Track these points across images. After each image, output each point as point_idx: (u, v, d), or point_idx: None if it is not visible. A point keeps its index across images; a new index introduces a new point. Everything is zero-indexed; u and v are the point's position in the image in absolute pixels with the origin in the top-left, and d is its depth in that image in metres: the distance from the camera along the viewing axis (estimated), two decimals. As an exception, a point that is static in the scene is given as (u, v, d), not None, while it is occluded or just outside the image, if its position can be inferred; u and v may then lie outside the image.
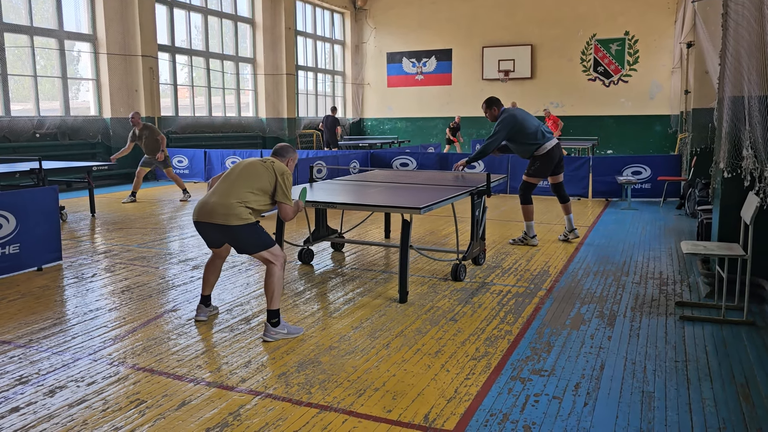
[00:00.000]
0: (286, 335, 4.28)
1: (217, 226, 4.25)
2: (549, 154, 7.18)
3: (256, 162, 4.42)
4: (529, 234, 7.35)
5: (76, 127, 13.73)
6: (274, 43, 19.57)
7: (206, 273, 4.69)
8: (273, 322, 4.25)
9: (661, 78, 19.83)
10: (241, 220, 4.19)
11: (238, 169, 4.38)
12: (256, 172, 4.33)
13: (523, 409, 3.24)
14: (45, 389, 3.50)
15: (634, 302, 5.09)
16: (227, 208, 4.18)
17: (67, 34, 13.72)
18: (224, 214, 4.18)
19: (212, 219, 4.24)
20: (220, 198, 4.24)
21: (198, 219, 4.33)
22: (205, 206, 4.29)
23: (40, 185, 8.12)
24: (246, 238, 4.26)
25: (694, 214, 8.74)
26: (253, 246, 4.28)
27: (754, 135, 4.15)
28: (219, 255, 4.67)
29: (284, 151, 4.63)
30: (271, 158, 4.51)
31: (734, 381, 3.58)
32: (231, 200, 4.20)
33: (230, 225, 4.18)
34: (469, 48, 22.23)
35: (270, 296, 4.24)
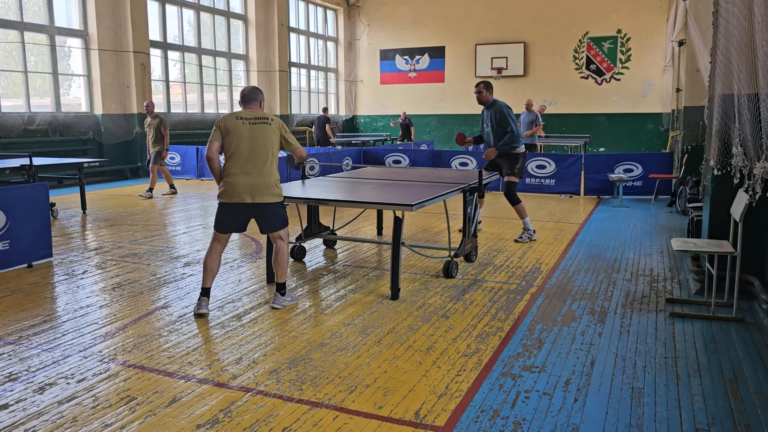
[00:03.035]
0: (289, 302, 4.88)
1: (254, 206, 4.60)
2: (525, 153, 7.40)
3: (265, 129, 4.61)
4: (529, 230, 7.39)
5: (67, 124, 13.65)
6: (266, 40, 19.51)
7: (210, 263, 4.73)
8: (282, 292, 4.84)
9: (653, 76, 19.90)
10: (279, 197, 4.70)
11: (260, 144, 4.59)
12: (270, 140, 4.61)
13: (514, 406, 3.25)
14: (34, 386, 3.48)
15: (624, 299, 5.11)
16: (268, 188, 4.60)
17: (58, 29, 13.63)
18: (267, 194, 4.59)
19: (254, 199, 4.56)
20: (258, 178, 4.56)
21: (237, 201, 4.57)
22: (245, 187, 4.54)
23: (31, 182, 8.07)
24: (278, 214, 4.71)
25: (685, 211, 8.78)
26: (280, 223, 4.74)
27: (744, 132, 4.17)
28: (222, 242, 4.78)
29: (254, 94, 4.78)
30: (261, 113, 4.68)
31: (723, 377, 3.60)
32: (269, 180, 4.59)
33: (271, 203, 4.63)
34: (463, 45, 22.24)
35: (282, 271, 4.80)
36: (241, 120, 4.60)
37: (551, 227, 8.32)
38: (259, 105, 4.78)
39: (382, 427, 3.02)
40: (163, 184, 12.30)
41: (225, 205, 4.64)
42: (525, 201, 10.75)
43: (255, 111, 4.71)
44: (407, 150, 13.73)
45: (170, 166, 14.62)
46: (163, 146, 11.19)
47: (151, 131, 11.24)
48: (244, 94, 4.77)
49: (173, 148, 14.62)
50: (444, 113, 22.52)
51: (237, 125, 4.58)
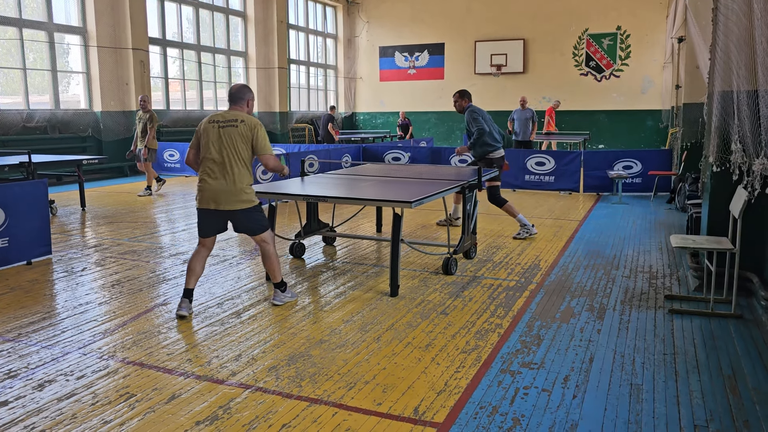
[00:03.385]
0: (290, 298, 4.89)
1: (225, 212, 4.51)
2: (502, 158, 7.31)
3: (230, 133, 4.43)
4: (526, 225, 7.40)
5: (66, 121, 13.63)
6: (266, 37, 19.48)
7: (193, 264, 4.65)
8: (281, 289, 4.86)
9: (653, 73, 19.88)
10: (250, 203, 4.54)
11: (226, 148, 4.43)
12: (236, 144, 4.43)
13: (513, 402, 3.26)
14: (34, 383, 3.49)
15: (623, 296, 5.12)
16: (235, 194, 4.46)
17: (57, 26, 13.61)
18: (235, 201, 4.47)
19: (221, 206, 4.47)
20: (225, 184, 4.44)
21: (206, 207, 4.51)
22: (215, 193, 4.45)
23: (30, 179, 8.06)
24: (252, 219, 4.59)
25: (684, 208, 8.78)
26: (258, 228, 4.63)
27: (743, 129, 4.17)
28: (208, 246, 4.71)
29: (241, 93, 4.59)
30: (235, 116, 4.49)
31: (722, 373, 3.61)
32: (237, 185, 4.45)
33: (240, 210, 4.50)
34: (462, 42, 22.21)
35: (273, 272, 4.78)
36: (213, 123, 4.49)
37: (550, 224, 8.32)
38: (247, 104, 4.60)
39: (381, 424, 3.03)
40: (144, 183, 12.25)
41: (199, 210, 4.58)
42: (524, 198, 10.79)
43: (232, 113, 4.52)
44: (406, 147, 13.72)
45: (170, 164, 14.62)
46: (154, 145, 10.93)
47: (140, 125, 10.98)
48: (231, 94, 4.60)
49: (173, 146, 14.61)
50: (443, 110, 22.49)
51: (208, 129, 4.48)
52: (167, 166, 14.66)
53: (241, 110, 4.59)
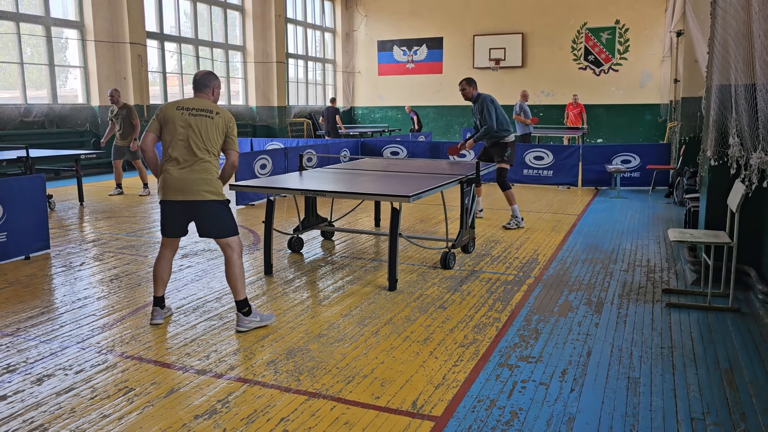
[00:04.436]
0: (259, 323, 4.24)
1: (188, 204, 4.08)
2: (514, 143, 7.72)
3: (204, 122, 4.09)
4: (517, 218, 7.66)
5: (64, 115, 13.61)
6: (264, 31, 19.43)
7: (159, 270, 4.30)
8: (244, 311, 4.18)
9: (652, 67, 19.87)
10: (219, 195, 4.12)
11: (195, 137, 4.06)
12: (209, 135, 4.09)
13: (510, 396, 3.27)
14: (33, 377, 3.49)
15: (621, 289, 5.13)
16: (202, 183, 4.05)
17: (54, 20, 13.56)
18: (201, 190, 4.05)
19: (187, 196, 4.06)
20: (191, 172, 4.05)
21: (170, 198, 4.09)
22: (179, 182, 4.04)
23: (28, 173, 8.05)
24: (218, 217, 4.13)
25: (682, 202, 8.79)
26: (222, 229, 4.15)
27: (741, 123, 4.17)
28: (171, 248, 4.33)
29: (206, 80, 4.25)
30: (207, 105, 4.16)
31: (719, 367, 3.62)
32: (204, 175, 4.06)
33: (206, 201, 4.07)
34: (460, 36, 22.17)
35: (234, 288, 4.18)
36: (181, 110, 4.11)
37: (549, 218, 8.33)
38: (212, 92, 4.26)
39: (380, 417, 3.04)
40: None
41: (162, 203, 4.17)
42: (522, 192, 10.79)
43: (202, 101, 4.18)
44: (405, 141, 13.71)
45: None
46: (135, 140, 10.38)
47: (118, 122, 10.31)
48: (196, 80, 4.24)
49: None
50: (442, 104, 22.48)
51: (175, 115, 4.09)
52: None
53: (207, 98, 4.24)
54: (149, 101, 15.24)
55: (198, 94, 4.25)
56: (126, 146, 10.43)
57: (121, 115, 10.32)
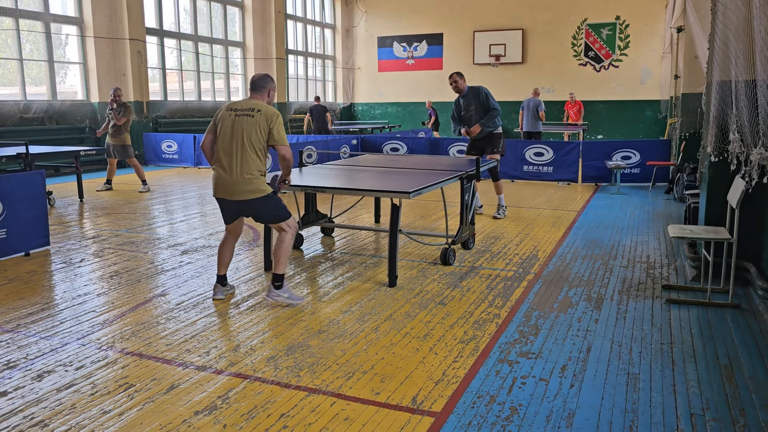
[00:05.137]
0: (286, 299, 4.59)
1: (237, 202, 4.48)
2: (501, 133, 7.99)
3: (245, 122, 4.39)
4: (503, 206, 8.13)
5: (64, 112, 13.59)
6: (263, 27, 19.40)
7: (221, 253, 4.76)
8: (276, 284, 4.58)
9: (652, 63, 19.84)
10: (259, 192, 4.46)
11: (237, 137, 4.39)
12: (249, 134, 4.38)
13: (510, 391, 3.27)
14: (33, 374, 3.49)
15: (621, 286, 5.13)
16: (246, 183, 4.41)
17: (54, 17, 13.53)
18: (243, 191, 4.42)
19: (232, 196, 4.46)
20: (234, 174, 4.40)
21: (219, 196, 4.53)
22: (224, 183, 4.45)
23: (27, 170, 8.05)
24: (268, 208, 4.55)
25: (683, 198, 8.79)
26: (275, 217, 4.58)
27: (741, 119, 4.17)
28: (233, 233, 4.76)
29: (263, 82, 4.57)
30: (253, 105, 4.44)
31: (718, 362, 3.63)
32: (246, 176, 4.40)
33: (250, 200, 4.45)
34: (461, 32, 22.13)
35: (277, 260, 4.57)
36: (230, 111, 4.46)
37: (549, 214, 8.33)
38: (267, 94, 4.58)
39: (380, 413, 3.04)
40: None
41: (216, 199, 4.61)
42: (522, 188, 10.80)
43: (251, 101, 4.48)
44: (405, 138, 13.71)
45: (167, 155, 14.59)
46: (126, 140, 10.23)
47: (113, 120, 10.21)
48: (253, 82, 4.58)
49: (171, 137, 14.58)
50: (442, 101, 22.45)
51: (224, 116, 4.46)
52: (165, 157, 14.64)
53: (261, 99, 4.55)
54: (149, 98, 15.22)
55: (253, 95, 4.57)
56: (117, 145, 10.30)
57: (118, 113, 10.23)
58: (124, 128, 10.29)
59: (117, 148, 10.37)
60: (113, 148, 10.38)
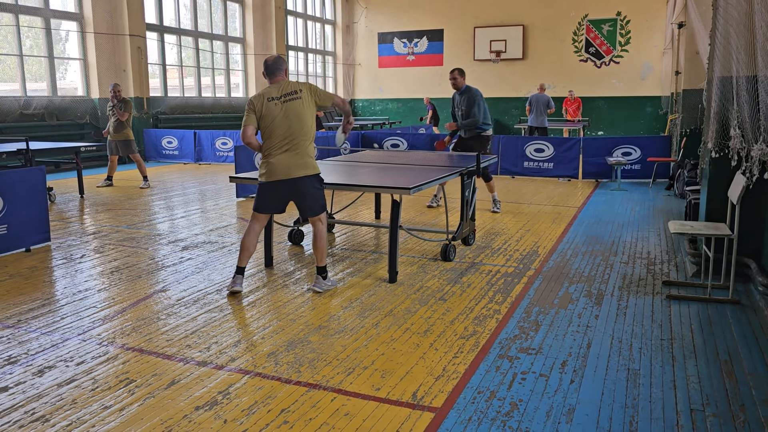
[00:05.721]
0: (329, 286, 4.88)
1: (293, 182, 4.63)
2: (491, 136, 8.11)
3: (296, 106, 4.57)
4: (497, 200, 8.27)
5: (64, 108, 13.58)
6: (264, 23, 19.36)
7: (247, 242, 4.78)
8: (324, 276, 4.85)
9: (653, 59, 19.79)
10: (315, 170, 4.72)
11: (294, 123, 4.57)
12: (303, 116, 4.60)
13: (510, 387, 3.27)
14: (34, 369, 3.50)
15: (621, 282, 5.13)
16: (305, 164, 4.65)
17: (54, 12, 13.51)
18: (303, 167, 4.63)
19: (291, 174, 4.60)
20: (296, 157, 4.61)
21: (274, 179, 4.63)
22: (285, 164, 4.60)
23: (28, 166, 8.05)
24: (314, 193, 4.72)
25: (683, 194, 8.78)
26: (319, 206, 4.78)
27: (742, 115, 4.16)
28: (262, 222, 4.85)
29: (279, 63, 4.70)
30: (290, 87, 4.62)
31: (718, 358, 3.63)
32: (305, 158, 4.65)
33: (308, 176, 4.65)
34: (461, 28, 22.08)
35: (321, 254, 4.83)
36: (273, 100, 4.57)
37: (549, 211, 8.32)
38: (285, 73, 4.71)
39: (380, 409, 3.05)
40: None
41: (265, 184, 4.69)
42: (523, 184, 10.80)
43: (283, 85, 4.63)
44: (405, 134, 13.70)
45: (168, 151, 14.58)
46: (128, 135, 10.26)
47: (114, 117, 10.24)
48: (268, 66, 4.67)
49: (171, 133, 14.57)
50: (442, 97, 22.41)
51: (270, 107, 4.57)
52: (165, 153, 14.63)
53: (283, 79, 4.70)
54: (149, 93, 15.21)
55: (274, 78, 4.68)
56: (120, 141, 10.32)
57: (119, 108, 10.22)
58: (126, 123, 10.30)
59: (119, 144, 10.39)
60: (115, 145, 10.40)
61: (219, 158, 14.10)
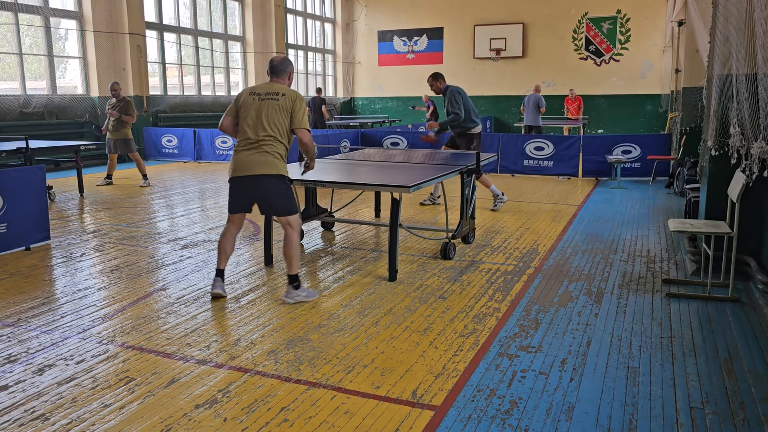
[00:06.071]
0: (304, 297, 4.58)
1: (253, 180, 4.41)
2: (480, 134, 8.07)
3: (270, 106, 4.42)
4: (498, 194, 8.22)
5: (63, 106, 13.58)
6: (263, 21, 19.35)
7: (223, 244, 4.67)
8: (294, 285, 4.56)
9: (653, 57, 19.79)
10: (279, 170, 4.45)
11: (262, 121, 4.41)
12: (274, 118, 4.41)
13: (510, 385, 3.28)
14: (34, 367, 3.50)
15: (621, 280, 5.13)
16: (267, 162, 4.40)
17: (53, 11, 13.50)
18: (262, 164, 4.39)
19: (248, 170, 4.39)
20: (259, 154, 4.40)
21: (237, 174, 4.45)
22: (245, 160, 4.41)
23: (27, 164, 8.04)
24: (279, 195, 4.47)
25: (683, 192, 8.79)
26: (283, 206, 4.51)
27: (741, 113, 4.16)
28: (236, 223, 4.69)
29: (283, 65, 4.60)
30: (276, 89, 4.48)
31: (718, 356, 3.63)
32: (269, 157, 4.41)
33: (268, 174, 4.39)
34: (461, 26, 22.08)
35: (289, 262, 4.55)
36: (254, 95, 4.48)
37: (549, 209, 8.32)
38: (288, 77, 4.61)
39: (380, 407, 3.05)
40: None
41: (230, 180, 4.56)
42: (523, 182, 10.80)
43: (273, 85, 4.53)
44: (405, 132, 13.70)
45: (168, 149, 14.58)
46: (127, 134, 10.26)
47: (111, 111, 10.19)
48: (272, 65, 4.59)
49: (171, 131, 14.56)
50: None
51: (248, 100, 4.48)
52: (165, 151, 14.63)
53: (282, 83, 4.58)
54: (149, 92, 15.20)
55: (274, 79, 4.58)
56: (119, 139, 10.31)
57: (118, 107, 10.22)
58: (127, 123, 10.29)
59: (118, 143, 10.38)
60: (114, 143, 10.39)
61: (219, 157, 14.10)
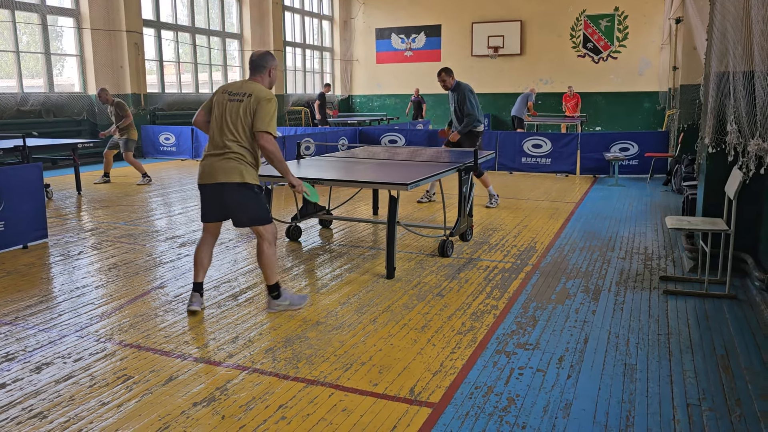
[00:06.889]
0: (288, 306, 4.33)
1: (217, 187, 4.05)
2: (482, 132, 8.06)
3: (234, 108, 4.03)
4: (494, 195, 8.27)
5: (61, 104, 13.55)
6: (261, 19, 19.32)
7: (198, 257, 4.32)
8: (273, 295, 4.30)
9: (651, 54, 19.79)
10: (240, 177, 4.03)
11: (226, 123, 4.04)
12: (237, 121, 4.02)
13: (508, 382, 3.28)
14: (31, 366, 3.50)
15: (619, 277, 5.14)
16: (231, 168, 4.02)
17: (50, 8, 13.46)
18: (224, 171, 4.02)
19: (212, 178, 4.05)
20: (222, 160, 4.03)
21: (203, 181, 4.14)
22: (209, 166, 4.07)
23: (25, 162, 8.02)
24: (244, 202, 4.08)
25: (680, 189, 8.80)
26: (250, 214, 4.12)
27: (738, 110, 4.17)
28: (212, 233, 4.34)
29: (262, 60, 4.16)
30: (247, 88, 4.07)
31: (715, 353, 3.64)
32: (234, 163, 4.02)
33: (233, 183, 4.01)
34: (459, 24, 22.06)
35: (264, 273, 4.26)
36: (225, 93, 4.12)
37: (547, 206, 8.33)
38: (268, 74, 4.18)
39: (378, 404, 3.05)
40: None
41: (199, 188, 4.22)
42: (520, 180, 10.81)
43: (246, 84, 4.12)
44: (403, 129, 13.69)
45: (165, 147, 14.56)
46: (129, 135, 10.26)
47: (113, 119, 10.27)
48: (252, 61, 4.17)
49: (168, 129, 14.54)
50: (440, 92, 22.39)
51: (220, 99, 4.13)
52: (162, 149, 14.61)
53: (261, 80, 4.15)
54: (146, 90, 15.17)
55: (252, 76, 4.18)
56: (122, 139, 10.32)
57: (114, 113, 10.23)
58: (130, 124, 10.35)
59: (121, 141, 10.41)
60: (117, 142, 10.40)
61: (216, 154, 14.05)
